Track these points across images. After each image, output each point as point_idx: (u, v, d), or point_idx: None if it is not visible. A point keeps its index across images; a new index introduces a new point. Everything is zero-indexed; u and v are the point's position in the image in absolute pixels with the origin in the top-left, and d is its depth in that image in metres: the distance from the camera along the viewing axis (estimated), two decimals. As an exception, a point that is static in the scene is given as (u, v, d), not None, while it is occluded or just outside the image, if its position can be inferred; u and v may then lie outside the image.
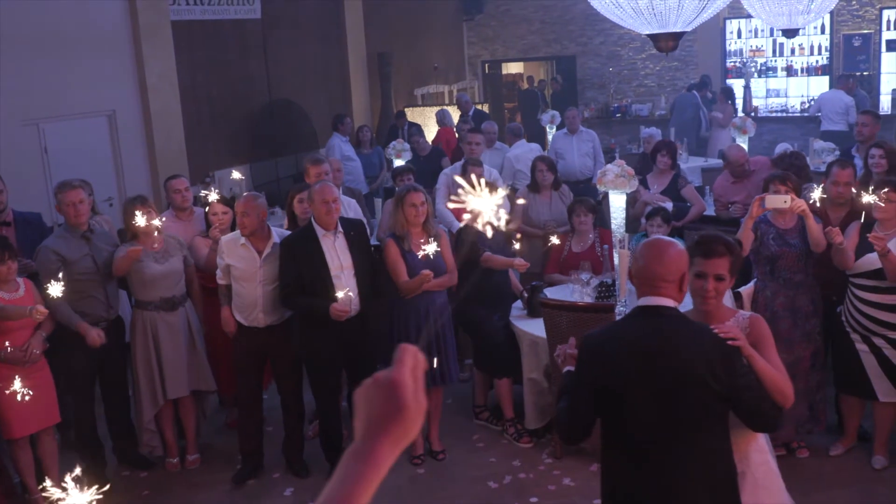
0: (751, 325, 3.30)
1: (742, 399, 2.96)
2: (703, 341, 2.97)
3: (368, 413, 1.41)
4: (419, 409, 1.41)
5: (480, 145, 8.10)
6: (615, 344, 3.06)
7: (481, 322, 6.04)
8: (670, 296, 3.01)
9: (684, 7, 5.45)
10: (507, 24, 17.50)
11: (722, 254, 3.27)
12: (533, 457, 5.86)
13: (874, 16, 14.98)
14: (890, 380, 5.26)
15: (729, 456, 3.05)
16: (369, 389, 1.42)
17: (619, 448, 3.08)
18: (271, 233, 5.59)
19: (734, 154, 7.38)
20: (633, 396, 2.98)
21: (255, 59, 11.20)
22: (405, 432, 1.41)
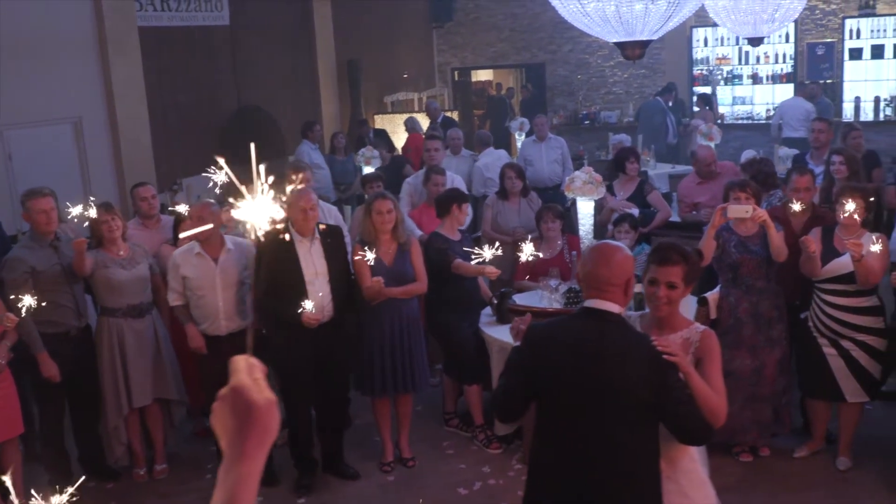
0: (701, 340, 3.31)
1: (670, 412, 3.01)
2: (639, 351, 3.01)
3: (225, 429, 1.45)
4: (269, 404, 1.45)
5: (439, 151, 8.09)
6: (554, 338, 3.15)
7: (451, 329, 6.04)
8: (615, 300, 3.06)
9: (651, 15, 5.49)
10: (477, 32, 17.54)
11: (676, 262, 3.29)
12: (502, 463, 5.87)
13: (837, 25, 15.19)
14: (857, 380, 5.35)
15: (653, 459, 3.10)
16: (218, 409, 1.46)
17: (548, 437, 3.17)
18: (224, 240, 5.57)
19: (702, 153, 7.47)
20: (562, 391, 3.07)
21: (224, 66, 11.15)
22: (264, 429, 1.45)
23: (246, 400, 1.44)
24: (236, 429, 1.44)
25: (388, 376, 5.66)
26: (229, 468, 1.43)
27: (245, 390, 1.45)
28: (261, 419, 1.44)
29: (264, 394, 1.46)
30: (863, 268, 5.01)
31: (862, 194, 5.19)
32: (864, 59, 14.96)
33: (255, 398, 1.45)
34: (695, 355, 3.27)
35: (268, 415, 1.45)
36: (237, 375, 1.48)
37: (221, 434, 1.46)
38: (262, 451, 1.45)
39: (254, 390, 1.45)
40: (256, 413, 1.44)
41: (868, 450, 5.71)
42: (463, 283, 6.05)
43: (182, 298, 5.56)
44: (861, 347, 5.31)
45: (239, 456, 1.43)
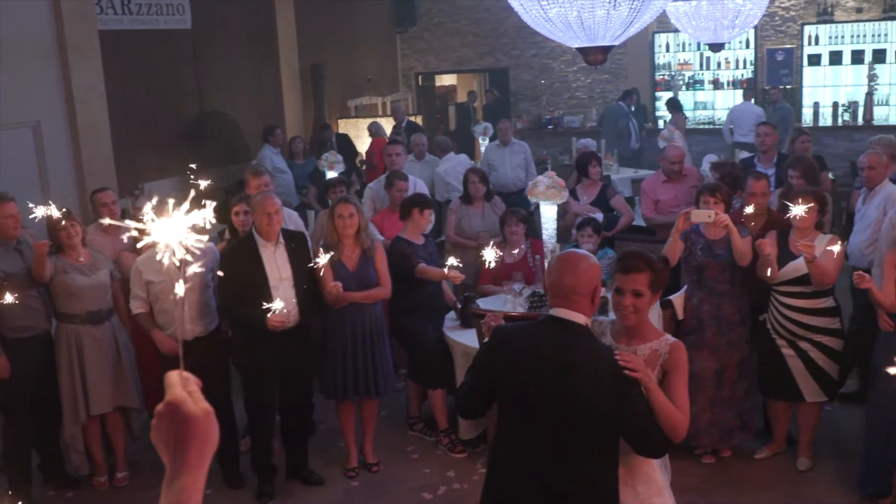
0: (670, 352, 3.29)
1: (628, 426, 3.02)
2: (600, 364, 3.01)
3: (166, 442, 1.46)
4: (206, 415, 1.47)
5: (401, 156, 8.09)
6: (517, 343, 3.15)
7: (415, 333, 6.04)
8: (581, 309, 3.06)
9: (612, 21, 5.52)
10: (441, 37, 17.57)
11: (641, 269, 3.26)
12: (467, 467, 5.87)
13: (796, 31, 15.40)
14: (816, 381, 5.43)
15: (611, 467, 3.11)
16: (156, 425, 1.48)
17: (506, 442, 3.17)
18: None
19: (671, 152, 7.53)
20: (521, 397, 3.07)
21: (186, 70, 11.06)
22: (204, 440, 1.46)
23: (183, 413, 1.45)
24: (176, 442, 1.45)
25: (352, 381, 5.64)
26: (172, 480, 1.44)
27: (181, 403, 1.46)
28: (199, 430, 1.46)
29: (200, 405, 1.48)
30: (816, 269, 5.09)
31: (814, 197, 5.28)
32: (823, 64, 15.21)
33: (192, 410, 1.46)
34: (662, 367, 3.26)
35: (206, 425, 1.47)
36: (172, 390, 1.49)
37: (162, 449, 1.47)
38: (203, 461, 1.46)
39: (189, 402, 1.47)
40: (195, 424, 1.46)
41: (827, 450, 5.81)
42: (427, 288, 6.05)
43: (145, 306, 5.50)
44: (818, 348, 5.40)
45: (181, 468, 1.44)
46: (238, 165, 10.70)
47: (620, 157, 12.45)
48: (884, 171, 6.34)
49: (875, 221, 6.14)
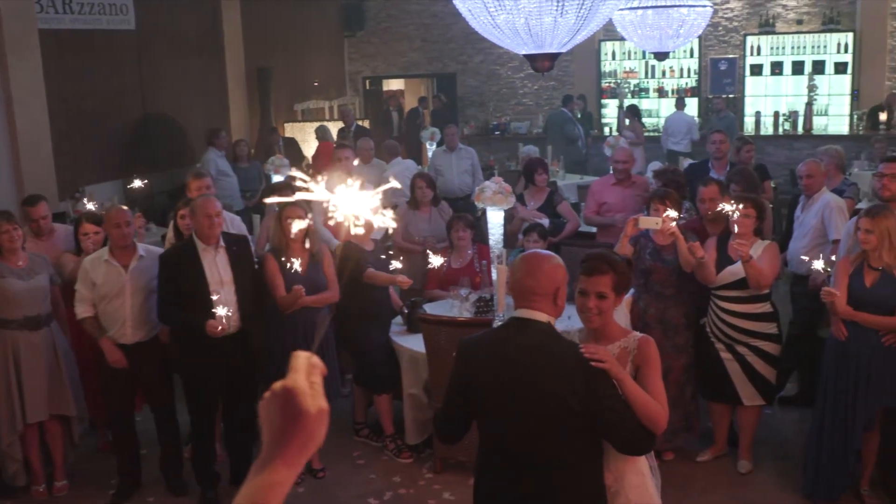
0: (639, 347, 3.27)
1: (603, 420, 2.97)
2: (566, 359, 2.98)
3: (270, 425, 1.41)
4: (320, 414, 1.41)
5: (350, 160, 8.07)
6: (482, 350, 3.12)
7: (361, 338, 6.02)
8: (544, 309, 3.04)
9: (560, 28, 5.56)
10: (388, 41, 17.56)
11: (604, 272, 3.25)
12: (413, 472, 5.86)
13: (739, 41, 15.68)
14: (753, 385, 5.52)
15: (596, 475, 3.09)
16: (268, 402, 1.42)
17: (490, 454, 3.13)
18: (136, 246, 5.46)
19: (620, 153, 7.61)
20: (496, 403, 3.04)
21: (129, 71, 10.90)
22: (309, 438, 1.40)
23: (297, 404, 1.39)
24: (280, 430, 1.39)
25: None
26: (262, 467, 1.38)
27: (298, 394, 1.40)
28: (308, 427, 1.40)
29: (318, 401, 1.41)
30: (752, 269, 5.19)
31: (753, 204, 5.37)
32: (765, 74, 15.52)
33: (307, 405, 1.40)
34: (633, 363, 3.24)
35: (316, 424, 1.41)
36: (295, 375, 1.42)
37: (266, 428, 1.41)
38: (301, 459, 1.40)
39: (307, 395, 1.40)
40: (305, 420, 1.39)
41: (767, 453, 5.90)
42: (374, 293, 6.03)
43: (91, 309, 5.38)
44: (755, 353, 5.49)
45: (275, 458, 1.38)
46: (182, 169, 10.57)
47: (567, 163, 12.55)
48: (822, 180, 6.47)
49: (813, 228, 6.27)
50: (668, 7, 8.54)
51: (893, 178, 5.46)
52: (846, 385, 4.98)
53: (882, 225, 4.79)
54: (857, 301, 4.91)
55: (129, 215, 5.45)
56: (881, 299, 4.85)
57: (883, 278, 4.86)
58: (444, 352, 5.21)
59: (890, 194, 5.43)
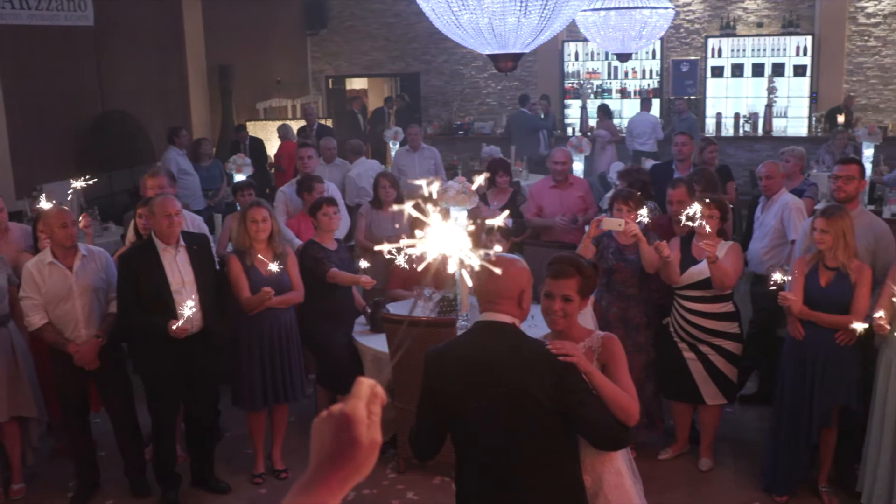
0: (603, 345, 3.30)
1: (576, 415, 2.95)
2: (534, 357, 2.97)
3: (321, 446, 1.39)
4: (373, 446, 1.39)
5: (312, 159, 8.02)
6: (450, 357, 3.09)
7: (324, 338, 5.99)
8: (509, 312, 3.03)
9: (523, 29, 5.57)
10: (352, 40, 17.50)
11: (570, 275, 3.27)
12: (376, 472, 5.83)
13: (700, 43, 15.83)
14: (715, 384, 5.58)
15: (574, 473, 3.09)
16: (322, 423, 1.40)
17: (467, 462, 3.10)
18: (79, 247, 5.37)
19: (558, 155, 7.64)
20: (468, 410, 3.01)
21: (88, 68, 10.76)
22: (356, 469, 1.38)
23: (352, 434, 1.37)
24: (330, 455, 1.37)
25: (268, 387, 5.56)
26: (305, 490, 1.36)
27: (356, 423, 1.38)
28: (358, 458, 1.37)
29: (373, 433, 1.39)
30: (718, 270, 5.24)
31: (716, 205, 5.42)
32: (726, 76, 15.68)
33: (361, 436, 1.37)
34: (599, 361, 3.26)
35: (367, 457, 1.38)
36: (355, 402, 1.40)
37: (315, 449, 1.39)
38: (343, 488, 1.37)
39: (364, 425, 1.38)
40: (356, 451, 1.37)
41: (728, 450, 5.97)
42: (337, 293, 6.01)
43: (45, 315, 5.27)
44: (718, 352, 5.55)
45: (319, 483, 1.36)
46: (142, 167, 10.44)
47: (530, 163, 12.58)
48: (781, 181, 6.55)
49: (773, 229, 6.34)
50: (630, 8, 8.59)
51: (847, 180, 5.53)
52: (802, 383, 5.05)
53: (837, 225, 4.87)
54: (813, 300, 4.98)
55: (72, 215, 5.36)
56: (836, 298, 4.93)
57: (837, 278, 4.93)
58: (408, 351, 5.19)
59: (844, 195, 5.51)
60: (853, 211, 5.33)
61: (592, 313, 4.86)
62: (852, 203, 5.47)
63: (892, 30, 15.29)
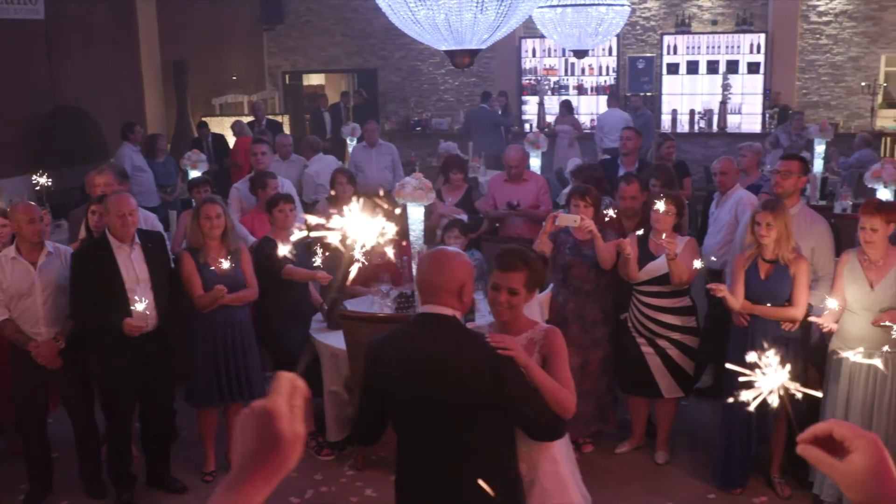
0: (545, 337, 3.34)
1: (513, 407, 3.01)
2: (472, 349, 3.01)
3: (243, 444, 1.37)
4: (296, 439, 1.38)
5: (266, 155, 7.97)
6: (390, 348, 3.15)
7: (281, 336, 5.95)
8: (450, 305, 3.06)
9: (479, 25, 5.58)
10: (309, 36, 17.40)
11: (517, 268, 3.31)
12: (334, 469, 5.82)
13: (656, 41, 15.97)
14: (673, 377, 5.64)
15: (510, 462, 3.14)
16: (244, 419, 1.38)
17: (406, 449, 3.16)
18: (45, 244, 5.29)
19: (510, 155, 7.68)
20: (406, 399, 3.07)
21: (38, 64, 10.58)
22: (281, 463, 1.37)
23: (274, 428, 1.35)
24: (254, 451, 1.35)
25: (222, 385, 5.51)
26: (230, 489, 1.34)
27: (277, 418, 1.36)
28: (281, 453, 1.36)
29: (295, 426, 1.37)
30: (676, 266, 5.29)
31: (672, 201, 5.48)
32: (681, 73, 15.82)
33: (284, 429, 1.36)
34: (540, 353, 3.30)
35: (291, 450, 1.37)
36: (275, 397, 1.38)
37: (238, 447, 1.37)
38: (268, 485, 1.36)
39: (285, 419, 1.36)
40: (279, 445, 1.35)
41: (684, 444, 6.04)
42: (293, 290, 5.97)
43: (6, 311, 5.18)
44: (675, 346, 5.61)
45: (246, 480, 1.34)
46: (95, 164, 10.28)
47: (489, 159, 12.60)
48: (735, 177, 6.63)
49: (727, 224, 6.42)
50: (586, 5, 8.65)
51: (786, 175, 5.62)
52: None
53: (781, 219, 4.96)
54: (755, 294, 5.07)
55: (40, 210, 5.29)
56: (776, 290, 5.03)
57: (776, 270, 5.03)
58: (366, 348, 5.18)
59: (782, 191, 5.60)
60: (794, 207, 5.44)
61: (540, 306, 4.88)
62: (792, 198, 5.56)
63: (843, 28, 15.54)
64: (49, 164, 9.80)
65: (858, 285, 4.82)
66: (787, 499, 5.31)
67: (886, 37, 15.55)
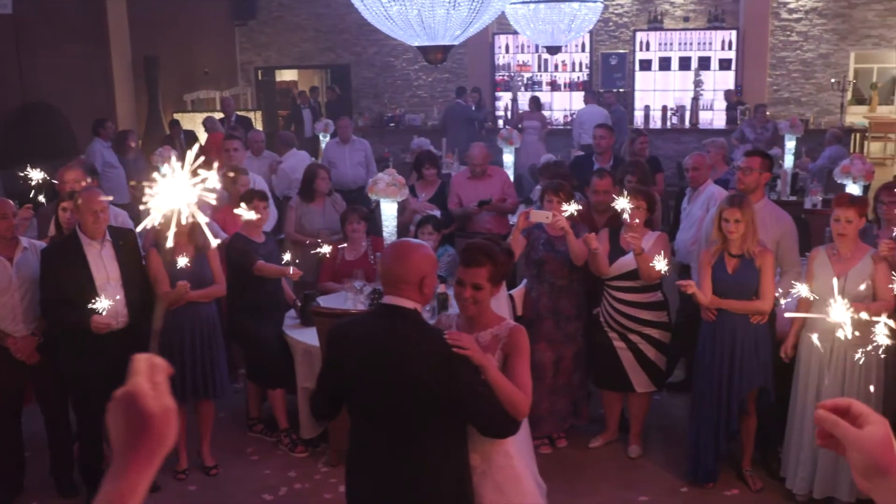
0: (510, 335, 3.35)
1: (466, 405, 3.03)
2: (430, 345, 3.03)
3: (116, 432, 1.35)
4: (166, 414, 1.36)
5: (239, 151, 7.93)
6: (351, 335, 3.20)
7: (253, 333, 5.92)
8: (411, 297, 3.08)
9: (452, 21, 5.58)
10: (281, 31, 17.32)
11: (482, 263, 3.33)
12: (309, 466, 5.80)
13: (628, 37, 16.05)
14: (645, 372, 5.67)
15: (460, 454, 3.17)
16: (112, 408, 1.36)
17: (360, 436, 3.21)
18: (20, 239, 5.24)
19: (474, 153, 7.69)
20: (362, 387, 3.12)
21: (6, 58, 10.47)
22: (158, 440, 1.35)
23: (140, 408, 1.33)
24: (127, 436, 1.33)
25: (188, 382, 5.48)
26: (115, 477, 1.32)
27: (140, 397, 1.34)
28: (154, 429, 1.34)
29: (162, 401, 1.35)
30: (644, 261, 5.32)
31: (644, 196, 5.51)
32: (654, 69, 15.91)
33: (150, 406, 1.34)
34: (503, 350, 3.31)
35: (162, 425, 1.34)
36: (135, 378, 1.36)
37: (113, 436, 1.35)
38: (151, 464, 1.34)
39: (149, 397, 1.34)
40: (150, 423, 1.33)
41: (656, 437, 6.07)
42: (266, 286, 5.94)
43: None
44: (647, 341, 5.64)
45: (128, 466, 1.32)
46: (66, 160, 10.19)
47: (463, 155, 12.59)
48: (707, 172, 6.68)
49: (699, 219, 6.46)
50: (559, 1, 8.68)
51: (747, 172, 5.68)
52: (719, 369, 5.17)
53: (748, 214, 5.01)
54: (722, 289, 5.10)
55: (12, 206, 5.23)
56: (744, 285, 5.07)
57: (743, 264, 5.07)
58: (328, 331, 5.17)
59: (744, 187, 5.65)
60: (759, 202, 5.49)
61: (514, 301, 4.89)
62: (756, 194, 5.61)
63: (814, 25, 15.69)
64: (17, 161, 9.69)
65: (826, 279, 4.88)
66: (759, 492, 5.35)
67: (856, 34, 15.72)
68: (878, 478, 1.35)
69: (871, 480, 1.36)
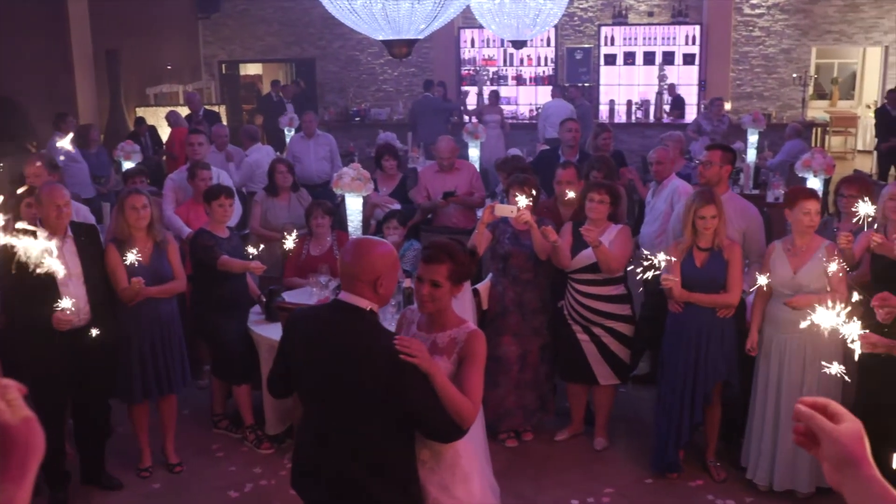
0: (466, 340, 3.28)
1: (410, 410, 3.01)
2: (378, 348, 2.99)
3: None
4: (27, 423, 1.37)
5: (203, 146, 7.86)
6: (304, 327, 3.20)
7: (218, 328, 5.88)
8: (365, 295, 3.06)
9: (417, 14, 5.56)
10: (246, 25, 17.19)
11: (441, 261, 3.28)
12: (274, 463, 5.78)
13: (593, 32, 16.11)
14: (608, 365, 5.71)
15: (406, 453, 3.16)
16: None
17: (306, 425, 3.25)
18: None
19: (441, 146, 7.70)
20: (307, 378, 3.16)
21: (-35, 51, 10.30)
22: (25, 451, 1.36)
23: None
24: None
25: (149, 379, 5.43)
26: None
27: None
28: (20, 440, 1.35)
29: (19, 413, 1.36)
30: (602, 254, 5.37)
31: (607, 190, 5.54)
32: (618, 64, 15.98)
33: (8, 420, 1.35)
34: (459, 354, 3.26)
35: (27, 434, 1.36)
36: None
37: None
38: (25, 472, 1.35)
39: (5, 413, 1.35)
40: (13, 435, 1.34)
41: (622, 430, 6.12)
42: (230, 281, 5.90)
43: None
44: (610, 333, 5.68)
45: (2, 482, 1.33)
46: (26, 154, 10.06)
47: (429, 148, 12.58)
48: (671, 166, 6.73)
49: (663, 213, 6.51)
50: (524, -4, 8.67)
51: (707, 165, 5.73)
52: (685, 362, 5.22)
53: (720, 208, 5.08)
54: (690, 282, 5.15)
55: None
56: (712, 278, 5.13)
57: (711, 258, 5.13)
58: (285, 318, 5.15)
59: (705, 180, 5.71)
60: (724, 195, 5.54)
61: (472, 303, 4.88)
62: (720, 187, 5.66)
63: (776, 20, 15.86)
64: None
65: (783, 272, 4.95)
66: (722, 482, 5.41)
67: (817, 29, 15.91)
68: (849, 469, 1.42)
69: (843, 472, 1.43)
